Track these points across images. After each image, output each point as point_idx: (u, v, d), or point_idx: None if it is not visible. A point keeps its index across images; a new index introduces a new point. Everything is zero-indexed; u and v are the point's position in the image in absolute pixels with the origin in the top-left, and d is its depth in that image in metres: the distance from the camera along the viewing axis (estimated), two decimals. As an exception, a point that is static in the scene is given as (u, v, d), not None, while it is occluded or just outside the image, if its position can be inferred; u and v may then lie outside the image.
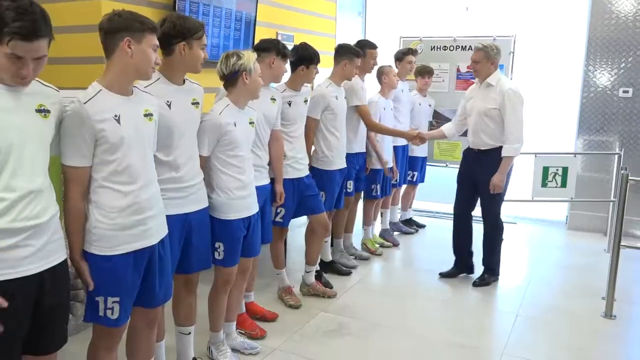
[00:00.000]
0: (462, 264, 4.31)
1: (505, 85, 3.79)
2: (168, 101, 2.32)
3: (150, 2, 3.67)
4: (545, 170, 5.01)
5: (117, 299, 2.00)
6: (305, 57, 3.46)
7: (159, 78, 2.34)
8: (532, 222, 6.05)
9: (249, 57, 2.65)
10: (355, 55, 3.92)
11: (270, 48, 3.15)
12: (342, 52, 3.97)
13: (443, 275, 4.30)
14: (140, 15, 1.99)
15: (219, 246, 2.70)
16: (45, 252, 1.73)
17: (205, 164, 2.62)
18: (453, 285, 4.16)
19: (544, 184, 5.05)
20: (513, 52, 5.50)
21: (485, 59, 3.85)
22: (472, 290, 4.08)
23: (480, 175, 3.94)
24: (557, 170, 5.02)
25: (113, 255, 1.98)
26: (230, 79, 2.67)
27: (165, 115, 2.29)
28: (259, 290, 3.78)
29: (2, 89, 1.62)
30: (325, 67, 4.27)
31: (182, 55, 2.34)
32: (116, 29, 1.93)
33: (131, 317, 2.16)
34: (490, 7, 6.22)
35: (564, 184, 5.06)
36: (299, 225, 5.07)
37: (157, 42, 2.01)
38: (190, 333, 2.70)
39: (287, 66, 3.31)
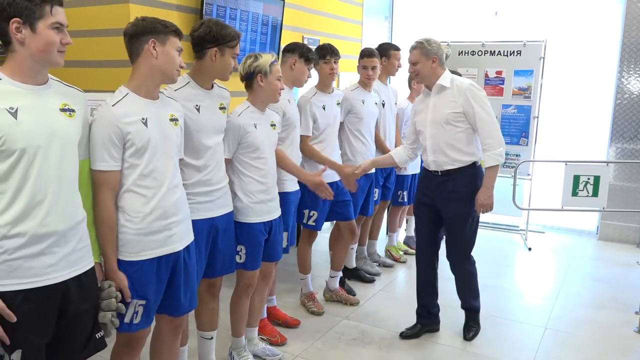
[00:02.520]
0: (428, 320, 3.44)
1: (464, 82, 3.01)
2: (197, 105, 2.33)
3: (178, 6, 3.69)
4: (576, 178, 4.86)
5: (143, 302, 2.00)
6: (316, 55, 3.45)
7: (188, 82, 2.36)
8: (561, 232, 5.90)
9: (266, 60, 2.64)
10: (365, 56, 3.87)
11: (294, 49, 3.15)
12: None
13: (405, 336, 3.37)
14: (163, 20, 2.01)
15: (241, 249, 2.69)
16: (70, 260, 1.72)
17: (228, 166, 2.61)
18: (481, 295, 4.06)
19: (574, 193, 4.90)
20: (544, 58, 5.38)
21: (424, 57, 3.00)
22: (501, 301, 3.98)
23: (448, 204, 3.09)
24: (589, 179, 4.87)
25: (138, 260, 1.98)
26: (247, 81, 2.67)
27: (194, 119, 2.30)
28: (281, 295, 3.76)
29: (26, 89, 1.62)
30: (353, 71, 4.25)
31: (212, 61, 2.34)
32: (141, 32, 1.95)
33: (156, 323, 2.16)
34: (520, 12, 6.10)
35: (595, 193, 4.91)
36: (323, 231, 5.03)
37: (180, 45, 2.02)
38: (212, 338, 2.69)
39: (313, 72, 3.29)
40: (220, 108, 2.47)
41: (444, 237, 3.38)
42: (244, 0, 4.13)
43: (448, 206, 3.10)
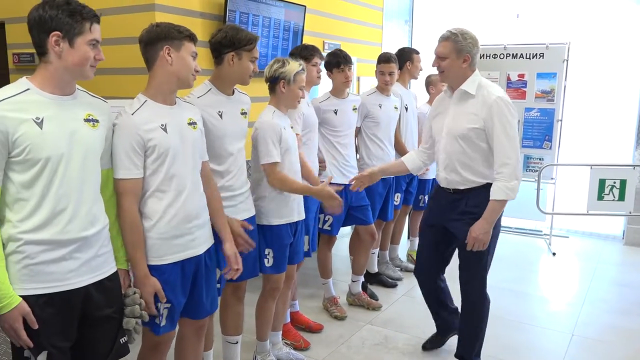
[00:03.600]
0: (447, 328, 3.17)
1: (492, 93, 2.50)
2: (219, 111, 2.35)
3: (202, 13, 3.73)
4: (602, 182, 4.79)
5: (168, 305, 2.03)
6: (330, 62, 3.46)
7: (210, 89, 2.38)
8: (586, 237, 5.81)
9: (292, 68, 2.66)
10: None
11: (294, 54, 3.19)
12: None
13: (427, 348, 3.21)
14: (177, 25, 2.02)
15: (269, 253, 2.71)
16: (92, 266, 1.75)
17: (279, 171, 2.62)
18: (504, 300, 4.02)
19: (600, 197, 4.83)
20: (567, 60, 5.31)
21: (455, 53, 2.52)
22: (526, 307, 3.93)
23: (459, 227, 2.68)
24: (615, 182, 4.79)
25: (162, 265, 2.00)
26: (271, 84, 2.70)
27: (217, 125, 2.32)
28: (304, 300, 3.77)
29: (53, 99, 1.66)
30: (373, 75, 4.25)
31: (230, 66, 2.36)
32: (155, 39, 1.97)
33: (179, 327, 2.18)
34: (542, 14, 6.04)
35: (621, 197, 4.83)
36: (343, 235, 5.03)
37: (195, 50, 2.04)
38: (237, 342, 2.71)
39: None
40: (242, 113, 2.49)
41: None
42: (266, 6, 4.16)
43: (459, 228, 2.68)
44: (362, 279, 3.90)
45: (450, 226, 2.73)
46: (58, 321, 1.67)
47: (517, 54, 5.54)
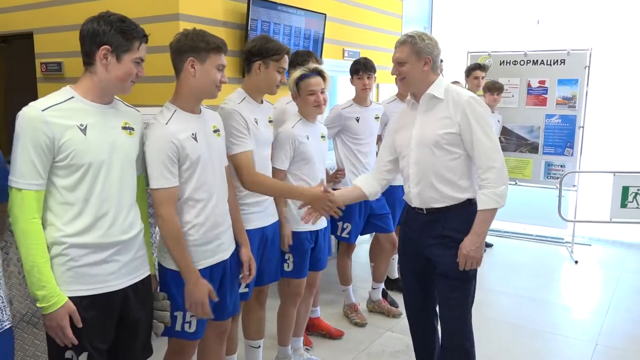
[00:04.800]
0: None
1: (463, 95, 2.24)
2: (256, 119, 2.39)
3: (225, 22, 3.80)
4: (625, 190, 4.73)
5: None
6: (351, 69, 3.49)
7: (245, 97, 2.43)
8: (609, 245, 5.73)
9: (292, 77, 2.69)
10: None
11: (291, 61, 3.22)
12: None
13: None
14: (207, 35, 2.02)
15: (289, 257, 2.73)
16: (130, 268, 1.81)
17: (283, 178, 2.66)
18: (525, 308, 3.99)
19: (623, 205, 4.77)
20: (589, 66, 5.27)
21: (415, 56, 2.23)
22: (548, 315, 3.89)
23: (437, 251, 2.30)
24: (639, 190, 4.73)
25: None
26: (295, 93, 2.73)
27: (255, 132, 2.38)
28: (324, 306, 3.78)
29: (93, 108, 1.72)
30: (392, 82, 4.26)
31: (257, 74, 2.40)
32: (182, 50, 2.00)
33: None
34: (563, 20, 6.01)
35: (645, 205, 4.76)
36: (362, 242, 5.04)
37: (223, 62, 2.04)
38: (259, 347, 2.74)
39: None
40: (270, 121, 2.54)
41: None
42: (287, 15, 4.21)
43: (437, 253, 2.30)
44: (382, 286, 3.90)
45: (427, 252, 2.33)
46: (99, 323, 1.73)
47: (537, 61, 5.52)
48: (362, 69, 3.44)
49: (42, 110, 1.61)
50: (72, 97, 1.69)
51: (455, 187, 2.26)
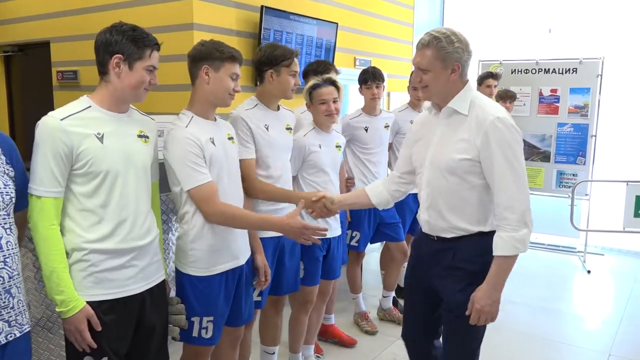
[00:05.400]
0: None
1: (489, 113, 1.86)
2: (266, 125, 2.42)
3: (238, 31, 3.85)
4: (638, 199, 4.69)
5: (212, 318, 2.07)
6: (359, 79, 3.50)
7: (257, 104, 2.47)
8: (622, 254, 5.68)
9: (306, 86, 2.73)
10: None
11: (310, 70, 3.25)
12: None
13: None
14: (223, 45, 2.06)
15: (300, 265, 2.74)
16: (147, 273, 1.84)
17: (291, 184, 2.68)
18: (537, 318, 3.96)
19: (636, 214, 4.73)
20: (601, 75, 5.25)
21: (441, 62, 1.89)
22: (561, 325, 3.86)
23: (445, 285, 2.03)
24: (652, 199, 4.69)
25: (208, 275, 2.06)
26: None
27: (264, 137, 2.41)
28: (335, 314, 3.78)
29: (109, 116, 1.76)
30: (404, 91, 4.29)
31: (270, 82, 2.44)
32: (198, 58, 2.05)
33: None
34: (575, 29, 5.99)
35: (659, 215, 4.72)
36: (373, 250, 5.04)
37: (236, 71, 2.07)
38: (274, 353, 2.76)
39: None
40: (287, 129, 2.56)
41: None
42: (299, 24, 4.25)
43: (445, 286, 2.02)
44: (393, 294, 3.90)
45: (435, 283, 2.06)
46: (118, 327, 1.76)
47: (549, 69, 5.52)
48: (370, 78, 3.45)
49: (61, 120, 1.65)
50: (90, 106, 1.73)
51: (469, 219, 1.94)
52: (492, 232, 1.91)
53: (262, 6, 3.88)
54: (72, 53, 4.46)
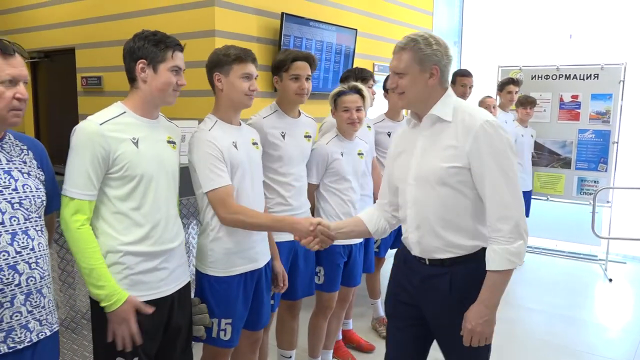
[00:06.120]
0: None
1: (477, 117, 1.73)
2: (282, 132, 2.45)
3: (259, 38, 3.89)
4: (662, 207, 4.62)
5: (230, 320, 2.10)
6: (385, 85, 3.48)
7: (275, 110, 2.50)
8: (644, 262, 5.59)
9: (332, 92, 2.74)
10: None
11: (349, 76, 3.24)
12: None
13: None
14: (230, 48, 2.08)
15: (320, 270, 2.76)
16: (176, 275, 1.89)
17: (314, 191, 2.70)
18: (558, 326, 3.92)
19: (659, 222, 4.65)
20: (623, 81, 5.19)
21: (418, 65, 1.75)
22: (582, 334, 3.81)
23: (440, 315, 1.84)
24: (676, 207, 4.61)
25: (226, 276, 2.09)
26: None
27: (279, 144, 2.43)
28: (353, 319, 3.78)
29: (143, 122, 1.81)
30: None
31: (279, 88, 2.48)
32: (210, 67, 2.11)
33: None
34: (597, 34, 5.93)
35: (683, 223, 4.64)
36: (390, 255, 5.03)
37: (248, 70, 2.07)
38: (291, 357, 2.77)
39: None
40: (306, 136, 2.58)
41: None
42: (319, 30, 4.29)
43: (441, 318, 1.84)
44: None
45: (428, 312, 1.85)
46: (150, 329, 1.80)
47: (570, 75, 5.47)
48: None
49: (100, 125, 1.70)
50: (125, 112, 1.78)
51: (465, 234, 1.77)
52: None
53: (282, 13, 3.93)
54: (96, 59, 4.56)
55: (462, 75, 4.23)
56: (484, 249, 1.75)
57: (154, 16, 4.01)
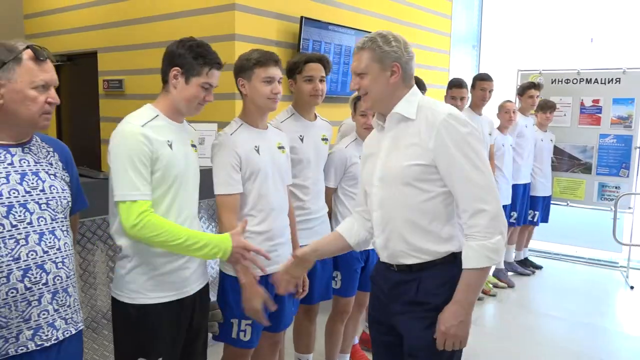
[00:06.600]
0: None
1: (440, 112, 1.65)
2: (301, 135, 2.46)
3: (278, 42, 3.92)
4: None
5: (250, 322, 2.11)
6: None
7: (292, 114, 2.51)
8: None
9: (352, 96, 2.74)
10: None
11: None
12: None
13: None
14: (253, 52, 2.11)
15: (337, 275, 2.76)
16: (197, 275, 1.90)
17: (332, 195, 2.71)
18: (579, 333, 3.86)
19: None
20: (646, 85, 5.11)
21: (378, 64, 1.70)
22: (604, 342, 3.75)
23: (408, 324, 1.73)
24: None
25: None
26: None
27: (298, 147, 2.44)
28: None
29: (173, 125, 1.83)
30: (440, 100, 4.27)
31: (293, 91, 2.49)
32: (235, 72, 2.14)
33: (256, 340, 2.27)
34: (618, 38, 5.86)
35: None
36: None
37: (270, 74, 2.08)
38: (308, 360, 2.77)
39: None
40: (322, 139, 2.58)
41: None
42: (338, 34, 4.30)
43: (407, 325, 1.73)
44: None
45: (395, 322, 1.76)
46: (174, 327, 1.82)
47: (591, 79, 5.40)
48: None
49: (141, 126, 1.71)
50: (157, 115, 1.80)
51: (432, 238, 1.68)
52: (461, 254, 1.65)
53: (301, 17, 3.95)
54: (118, 63, 4.62)
55: (482, 79, 4.19)
56: (452, 255, 1.68)
57: (175, 20, 4.06)
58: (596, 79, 5.36)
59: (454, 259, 1.67)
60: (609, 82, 5.30)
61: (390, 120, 1.74)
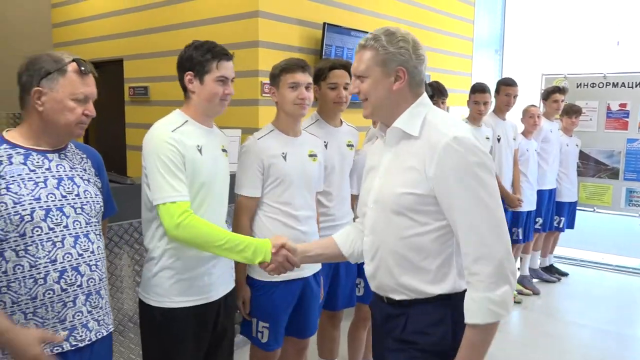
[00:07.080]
0: None
1: (444, 133, 1.39)
2: (325, 142, 2.47)
3: (300, 48, 3.95)
4: None
5: (267, 324, 2.14)
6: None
7: (316, 120, 2.51)
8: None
9: None
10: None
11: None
12: None
13: None
14: (285, 60, 2.16)
15: (360, 282, 2.76)
16: (223, 279, 1.92)
17: (355, 201, 2.71)
18: (608, 342, 3.78)
19: None
20: (675, 89, 5.01)
21: (379, 68, 1.46)
22: (631, 351, 3.67)
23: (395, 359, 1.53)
24: None
25: (269, 282, 2.12)
26: None
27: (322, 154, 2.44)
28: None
29: (203, 130, 1.85)
30: (462, 105, 4.25)
31: (318, 98, 2.49)
32: (269, 82, 2.18)
33: (284, 344, 2.28)
34: (646, 41, 5.76)
35: None
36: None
37: (296, 80, 2.10)
38: (332, 366, 2.77)
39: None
40: (348, 145, 2.58)
41: None
42: (360, 40, 4.30)
43: None
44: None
45: (388, 358, 1.55)
46: (198, 332, 1.85)
47: (617, 83, 5.31)
48: (437, 94, 3.45)
49: (172, 132, 1.75)
50: (187, 121, 1.82)
51: (424, 277, 1.44)
52: (457, 295, 1.42)
53: (324, 23, 3.98)
54: (143, 70, 4.71)
55: (507, 84, 4.15)
56: (444, 295, 1.44)
57: (199, 27, 4.12)
58: (623, 83, 5.27)
59: (449, 298, 1.44)
60: (636, 86, 5.20)
61: (391, 135, 1.51)
